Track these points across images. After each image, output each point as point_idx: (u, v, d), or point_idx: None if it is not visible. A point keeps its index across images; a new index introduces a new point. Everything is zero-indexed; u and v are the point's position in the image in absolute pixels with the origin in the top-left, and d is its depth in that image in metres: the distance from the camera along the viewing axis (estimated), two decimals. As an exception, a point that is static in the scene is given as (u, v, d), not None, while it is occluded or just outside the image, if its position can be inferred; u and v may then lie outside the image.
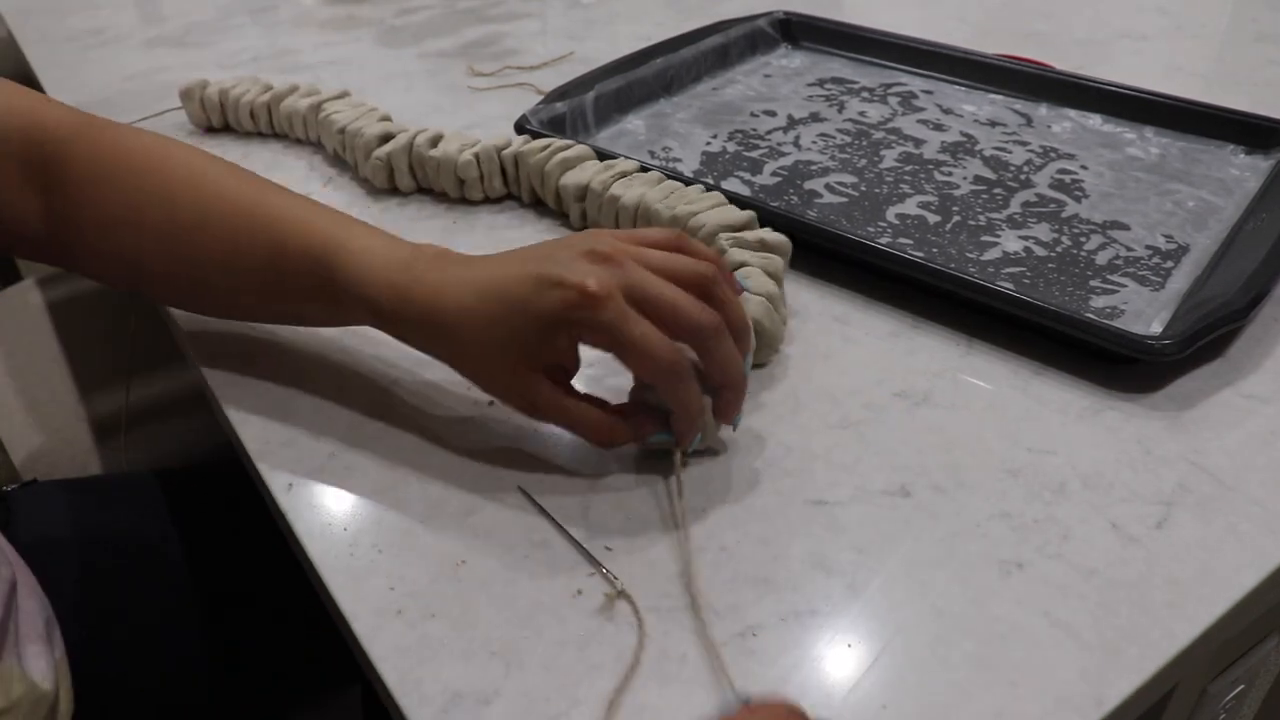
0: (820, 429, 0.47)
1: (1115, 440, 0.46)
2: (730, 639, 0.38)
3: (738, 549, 0.41)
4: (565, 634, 0.38)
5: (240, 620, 0.65)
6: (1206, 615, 0.38)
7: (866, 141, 0.74)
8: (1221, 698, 0.52)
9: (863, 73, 0.86)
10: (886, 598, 0.39)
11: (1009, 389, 0.50)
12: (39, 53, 0.97)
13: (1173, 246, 0.60)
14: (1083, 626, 0.38)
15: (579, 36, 0.98)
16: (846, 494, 0.44)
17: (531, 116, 0.71)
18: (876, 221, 0.63)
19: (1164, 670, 0.36)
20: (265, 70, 0.91)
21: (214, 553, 0.66)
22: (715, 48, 0.86)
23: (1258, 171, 0.67)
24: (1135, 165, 0.69)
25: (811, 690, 0.36)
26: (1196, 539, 0.41)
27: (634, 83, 0.79)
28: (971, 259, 0.59)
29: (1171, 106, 0.74)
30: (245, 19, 1.06)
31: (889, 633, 0.38)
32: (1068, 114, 0.77)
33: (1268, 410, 0.48)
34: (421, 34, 1.00)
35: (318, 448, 0.47)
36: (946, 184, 0.67)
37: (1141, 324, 0.53)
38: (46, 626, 0.51)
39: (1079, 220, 0.63)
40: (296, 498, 0.45)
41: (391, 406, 0.50)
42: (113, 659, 0.59)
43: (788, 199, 0.66)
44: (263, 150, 0.76)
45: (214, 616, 0.64)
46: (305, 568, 0.43)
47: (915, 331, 0.54)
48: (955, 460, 0.45)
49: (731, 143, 0.74)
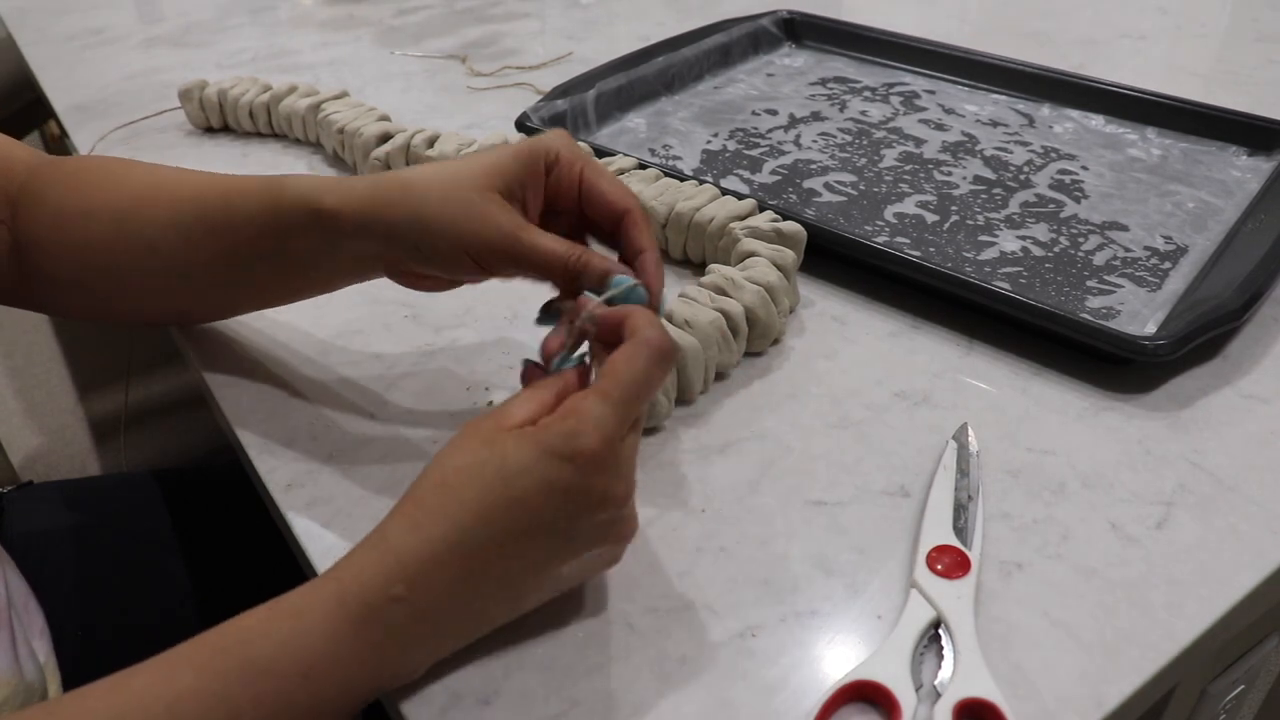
0: (820, 429, 0.47)
1: (1115, 440, 0.46)
2: (730, 639, 0.38)
3: (738, 549, 0.41)
4: (565, 634, 0.38)
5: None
6: (1206, 616, 0.38)
7: (867, 141, 0.74)
8: (1221, 698, 0.52)
9: (866, 72, 0.86)
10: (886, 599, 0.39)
11: (1009, 389, 0.50)
12: (37, 53, 0.97)
13: (1171, 248, 0.60)
14: (1083, 626, 0.38)
15: (578, 37, 0.98)
16: (846, 494, 0.44)
17: (532, 114, 0.71)
18: (874, 220, 0.63)
19: (1164, 671, 0.36)
20: (264, 70, 0.91)
21: (213, 553, 0.66)
22: (717, 46, 0.86)
23: (1259, 173, 0.67)
24: (1136, 166, 0.69)
25: (811, 690, 0.36)
26: (1196, 539, 0.41)
27: (635, 81, 0.79)
28: (968, 259, 0.59)
29: (1174, 108, 0.74)
30: (244, 19, 1.05)
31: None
32: (1070, 114, 0.77)
33: (1267, 410, 0.48)
34: (421, 34, 1.00)
35: (317, 448, 0.47)
36: (946, 183, 0.67)
37: (1137, 325, 0.53)
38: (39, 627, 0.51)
39: (1078, 221, 0.63)
40: (296, 498, 0.45)
41: (391, 406, 0.50)
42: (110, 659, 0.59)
43: (786, 198, 0.66)
44: (261, 150, 0.76)
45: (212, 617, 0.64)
46: (305, 568, 0.43)
47: (915, 332, 0.54)
48: (955, 460, 0.45)
49: (732, 141, 0.74)
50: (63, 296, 0.54)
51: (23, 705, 0.45)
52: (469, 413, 0.49)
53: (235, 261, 0.48)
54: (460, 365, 0.52)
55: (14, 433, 0.86)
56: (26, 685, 0.46)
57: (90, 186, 0.51)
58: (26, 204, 0.51)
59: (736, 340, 0.50)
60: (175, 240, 0.48)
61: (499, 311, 0.56)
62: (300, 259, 0.47)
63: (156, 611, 0.63)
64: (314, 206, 0.44)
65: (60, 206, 0.51)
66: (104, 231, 0.50)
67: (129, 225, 0.49)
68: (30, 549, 0.60)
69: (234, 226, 0.47)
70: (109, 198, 0.50)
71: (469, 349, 0.54)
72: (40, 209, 0.51)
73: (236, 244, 0.47)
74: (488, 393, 0.50)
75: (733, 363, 0.51)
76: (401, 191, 0.43)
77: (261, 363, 0.53)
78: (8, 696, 0.44)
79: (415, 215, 0.42)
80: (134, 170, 0.52)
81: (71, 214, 0.50)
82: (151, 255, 0.49)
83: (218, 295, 0.52)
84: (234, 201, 0.47)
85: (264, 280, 0.50)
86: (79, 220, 0.50)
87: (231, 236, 0.47)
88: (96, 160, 0.53)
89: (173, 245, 0.49)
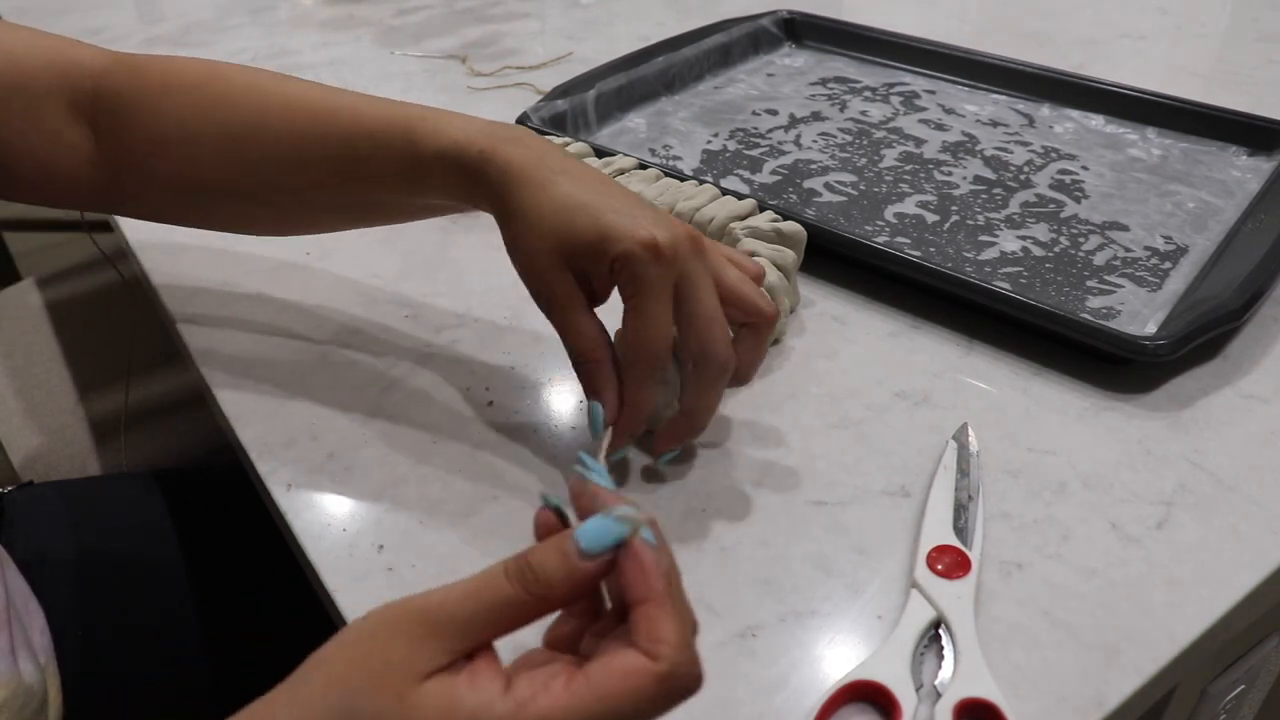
0: (820, 429, 0.47)
1: (1115, 440, 0.46)
2: (730, 639, 0.38)
3: (738, 549, 0.41)
4: (565, 634, 0.38)
5: (238, 621, 0.65)
6: (1206, 616, 0.38)
7: (867, 141, 0.74)
8: (1221, 698, 0.52)
9: (866, 72, 0.86)
10: (886, 599, 0.39)
11: (1009, 389, 0.50)
12: (38, 52, 0.97)
13: (1171, 248, 0.60)
14: (1083, 626, 0.38)
15: (578, 37, 0.98)
16: (846, 494, 0.44)
17: (533, 114, 0.71)
18: (874, 220, 0.63)
19: (1164, 671, 0.36)
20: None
21: (213, 553, 0.66)
22: (718, 46, 0.86)
23: (1260, 173, 0.67)
24: (1136, 166, 0.69)
25: (811, 690, 0.36)
26: (1196, 539, 0.41)
27: (636, 81, 0.79)
28: (969, 259, 0.59)
29: (1174, 108, 0.74)
30: (244, 19, 1.05)
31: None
32: (1070, 114, 0.77)
33: (1267, 410, 0.48)
34: (421, 34, 1.00)
35: (317, 448, 0.47)
36: (946, 183, 0.67)
37: (1137, 324, 0.53)
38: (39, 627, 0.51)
39: (1078, 221, 0.63)
40: (296, 498, 0.45)
41: (391, 406, 0.50)
42: (110, 660, 0.59)
43: (786, 198, 0.66)
44: (262, 150, 0.76)
45: (212, 617, 0.64)
46: (305, 568, 0.43)
47: (915, 332, 0.54)
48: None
49: (732, 141, 0.74)
50: (161, 210, 0.53)
51: (22, 707, 0.45)
52: (469, 413, 0.49)
53: (362, 196, 0.48)
54: (460, 365, 0.52)
55: (14, 433, 0.86)
56: (26, 686, 0.46)
57: (191, 104, 0.48)
58: (113, 117, 0.49)
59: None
60: (296, 175, 0.47)
61: (499, 312, 0.56)
62: (430, 200, 0.47)
63: (156, 611, 0.63)
64: (456, 162, 0.43)
65: (157, 124, 0.48)
66: (211, 157, 0.48)
67: (242, 155, 0.47)
68: (30, 549, 0.59)
69: (364, 170, 0.46)
70: (217, 120, 0.48)
71: (469, 349, 0.54)
72: (134, 125, 0.49)
73: (367, 185, 0.47)
74: (487, 393, 0.50)
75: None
76: (517, 201, 0.42)
77: (261, 363, 0.53)
78: (7, 698, 0.44)
79: (512, 226, 0.42)
80: (233, 83, 0.48)
81: (172, 135, 0.48)
82: (269, 188, 0.48)
83: (332, 219, 0.52)
84: (363, 143, 0.45)
85: (386, 214, 0.50)
86: (183, 144, 0.48)
87: (360, 178, 0.46)
88: (187, 69, 0.50)
89: (293, 180, 0.47)
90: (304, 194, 0.48)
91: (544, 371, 0.52)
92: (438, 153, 0.43)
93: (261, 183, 0.48)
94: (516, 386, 0.51)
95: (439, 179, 0.44)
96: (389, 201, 0.48)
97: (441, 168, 0.43)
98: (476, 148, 0.42)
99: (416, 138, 0.44)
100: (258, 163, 0.48)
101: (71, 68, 0.50)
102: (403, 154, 0.44)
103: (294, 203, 0.50)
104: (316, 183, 0.47)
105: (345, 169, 0.46)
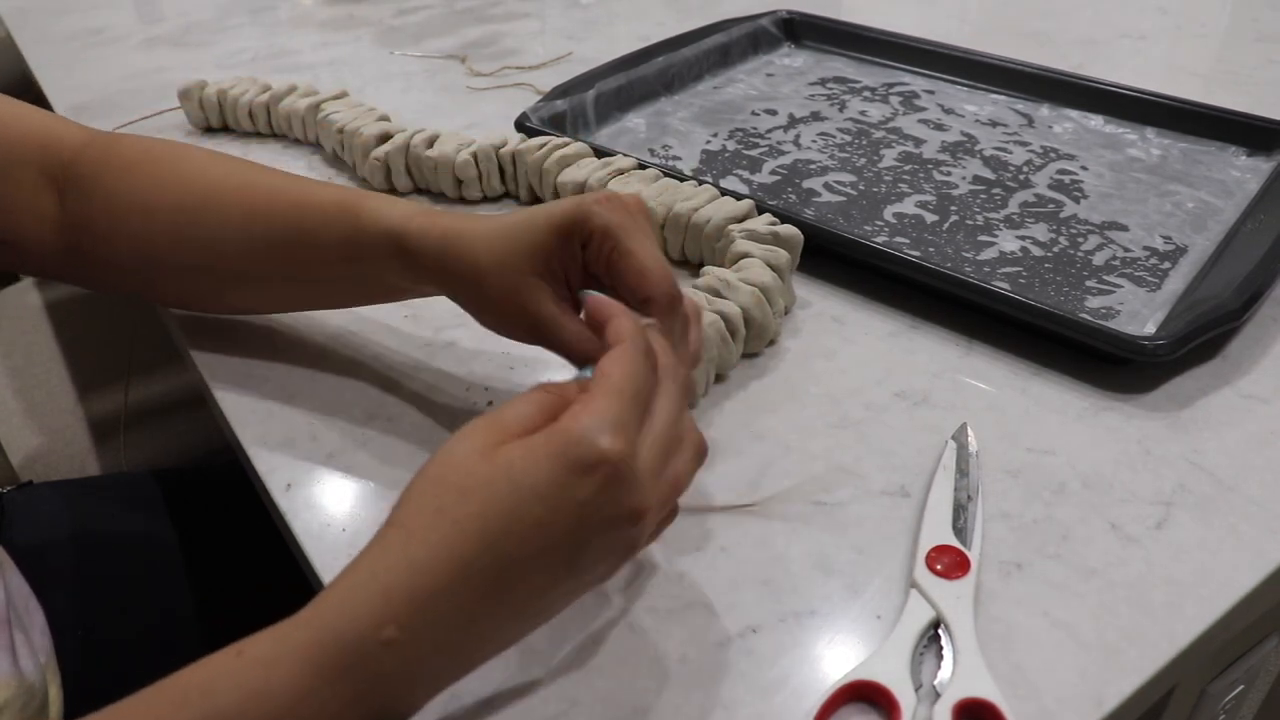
0: (819, 429, 0.47)
1: (1115, 440, 0.46)
2: (730, 639, 0.38)
3: (737, 549, 0.41)
4: (564, 635, 0.38)
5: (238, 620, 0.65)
6: (1206, 616, 0.38)
7: (866, 141, 0.74)
8: (1221, 698, 0.52)
9: (865, 72, 0.86)
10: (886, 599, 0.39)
11: (1008, 389, 0.50)
12: (37, 53, 0.97)
13: (1170, 248, 0.60)
14: (1083, 626, 0.38)
15: (578, 37, 0.98)
16: (846, 494, 0.44)
17: (532, 114, 0.71)
18: (874, 220, 0.63)
19: (1164, 670, 0.36)
20: (264, 70, 0.91)
21: (212, 553, 0.66)
22: (717, 46, 0.86)
23: (1259, 173, 0.67)
24: (1136, 166, 0.69)
25: (811, 690, 0.36)
26: (1196, 539, 0.41)
27: (635, 81, 0.79)
28: (968, 258, 0.59)
29: (1174, 108, 0.74)
30: (244, 19, 1.05)
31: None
32: (1069, 114, 0.77)
33: (1267, 410, 0.48)
34: (421, 34, 1.00)
35: (317, 448, 0.47)
36: (945, 183, 0.67)
37: (1136, 324, 0.53)
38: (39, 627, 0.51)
39: (1077, 221, 0.63)
40: (295, 498, 0.45)
41: (391, 406, 0.50)
42: (110, 659, 0.59)
43: (785, 198, 0.66)
44: (261, 150, 0.76)
45: (212, 617, 0.64)
46: (304, 568, 0.43)
47: (915, 332, 0.54)
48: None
49: (731, 141, 0.74)
50: (114, 281, 0.55)
51: (23, 707, 0.45)
52: (469, 413, 0.49)
53: (305, 273, 0.49)
54: (460, 365, 0.52)
55: (14, 433, 0.86)
56: (27, 686, 0.46)
57: (150, 179, 0.51)
58: (79, 187, 0.51)
59: (735, 342, 0.50)
60: (242, 247, 0.49)
61: (499, 311, 0.56)
62: (372, 281, 0.48)
63: (156, 611, 0.63)
64: (397, 241, 0.45)
65: (117, 197, 0.50)
66: (165, 229, 0.50)
67: (193, 229, 0.49)
68: (30, 549, 0.59)
69: (307, 244, 0.48)
70: (171, 195, 0.50)
71: (469, 349, 0.54)
72: (95, 195, 0.51)
73: (309, 260, 0.48)
74: (487, 392, 0.50)
75: (732, 364, 0.51)
76: (468, 252, 0.43)
77: (261, 363, 0.53)
78: (8, 698, 0.44)
79: (475, 281, 0.43)
80: (193, 162, 0.51)
81: (130, 207, 0.50)
82: (216, 258, 0.50)
83: (276, 297, 0.53)
84: (308, 219, 0.47)
85: (328, 292, 0.51)
86: (138, 215, 0.50)
87: (304, 253, 0.48)
88: (153, 147, 0.52)
89: (240, 252, 0.49)
90: (252, 270, 0.50)
91: (543, 372, 0.52)
92: (379, 229, 0.45)
93: (213, 256, 0.50)
94: (516, 386, 0.51)
95: (383, 256, 0.46)
96: (335, 278, 0.49)
97: (386, 244, 0.45)
98: (415, 223, 0.44)
99: (361, 213, 0.46)
100: (207, 239, 0.49)
101: (51, 140, 0.52)
102: (346, 230, 0.46)
103: (241, 279, 0.51)
104: (263, 260, 0.49)
105: (291, 242, 0.48)
